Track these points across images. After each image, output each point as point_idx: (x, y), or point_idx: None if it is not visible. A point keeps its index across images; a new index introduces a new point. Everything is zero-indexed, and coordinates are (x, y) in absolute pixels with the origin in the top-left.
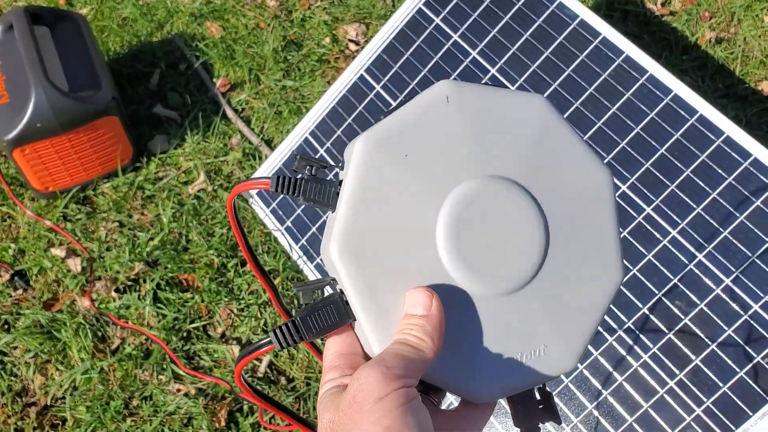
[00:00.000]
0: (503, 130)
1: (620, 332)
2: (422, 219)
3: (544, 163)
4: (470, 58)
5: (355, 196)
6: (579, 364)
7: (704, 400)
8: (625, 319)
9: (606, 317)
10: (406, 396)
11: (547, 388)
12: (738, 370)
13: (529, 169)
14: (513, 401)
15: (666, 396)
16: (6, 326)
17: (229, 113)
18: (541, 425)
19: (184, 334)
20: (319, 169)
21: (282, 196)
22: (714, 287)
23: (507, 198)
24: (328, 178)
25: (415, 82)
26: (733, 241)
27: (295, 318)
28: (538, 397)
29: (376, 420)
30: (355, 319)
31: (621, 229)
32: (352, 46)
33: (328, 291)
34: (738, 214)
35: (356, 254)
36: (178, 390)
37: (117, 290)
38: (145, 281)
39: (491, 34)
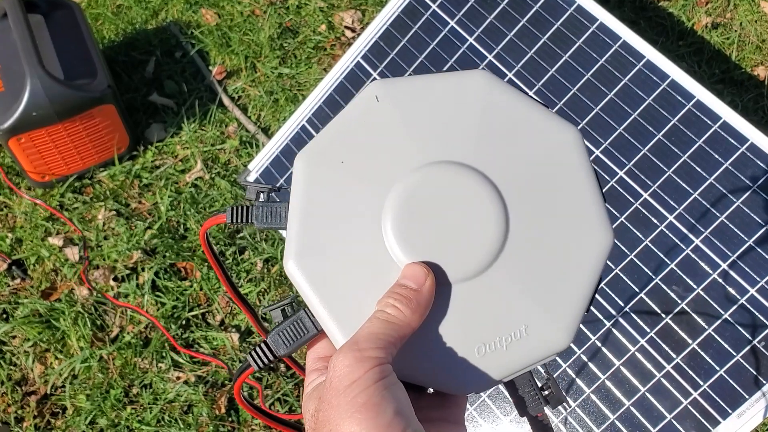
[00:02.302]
0: (442, 114)
1: (617, 317)
2: (369, 220)
3: (493, 138)
4: (467, 44)
5: (301, 212)
6: (576, 349)
7: (701, 383)
8: (622, 304)
9: (603, 302)
10: (381, 373)
11: (542, 371)
12: (734, 353)
13: (475, 147)
14: (510, 390)
15: (663, 380)
16: (4, 315)
17: (226, 101)
18: (548, 410)
19: (183, 322)
20: (271, 192)
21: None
22: (710, 272)
23: (453, 181)
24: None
25: (412, 68)
26: (730, 225)
27: (266, 338)
28: (542, 379)
29: (352, 399)
30: (322, 329)
31: (601, 190)
32: (348, 33)
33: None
34: (734, 199)
35: (311, 266)
36: (178, 378)
37: (115, 279)
38: (143, 270)
39: (488, 20)
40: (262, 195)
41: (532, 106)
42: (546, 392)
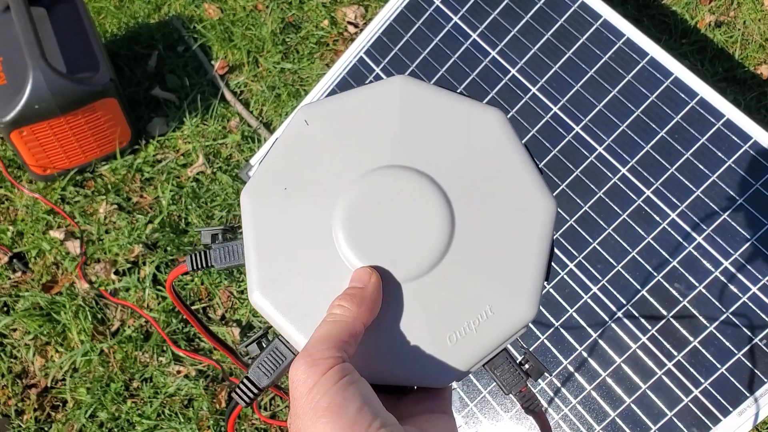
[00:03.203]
0: (370, 123)
1: (619, 314)
2: (320, 237)
3: (422, 136)
4: (470, 40)
5: (255, 244)
6: (578, 346)
7: (702, 381)
8: (624, 301)
9: (605, 299)
10: (339, 373)
11: (512, 347)
12: (736, 351)
13: (407, 148)
14: (491, 370)
15: (664, 377)
16: (5, 308)
17: (228, 96)
18: (531, 384)
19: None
20: (225, 233)
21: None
22: (713, 270)
23: (393, 184)
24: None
25: (415, 64)
26: (732, 223)
27: (247, 373)
28: (519, 357)
29: (315, 405)
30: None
31: (534, 161)
32: (351, 29)
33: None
34: (737, 197)
35: (275, 294)
36: (179, 372)
37: (116, 273)
38: (144, 264)
39: (491, 16)
40: (219, 236)
41: (453, 98)
42: (526, 366)
